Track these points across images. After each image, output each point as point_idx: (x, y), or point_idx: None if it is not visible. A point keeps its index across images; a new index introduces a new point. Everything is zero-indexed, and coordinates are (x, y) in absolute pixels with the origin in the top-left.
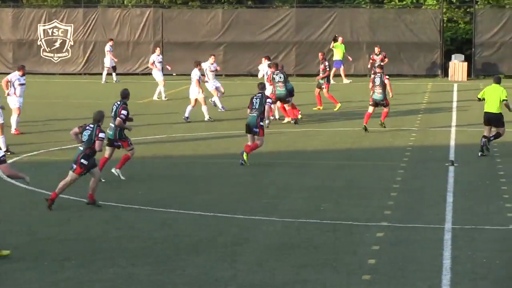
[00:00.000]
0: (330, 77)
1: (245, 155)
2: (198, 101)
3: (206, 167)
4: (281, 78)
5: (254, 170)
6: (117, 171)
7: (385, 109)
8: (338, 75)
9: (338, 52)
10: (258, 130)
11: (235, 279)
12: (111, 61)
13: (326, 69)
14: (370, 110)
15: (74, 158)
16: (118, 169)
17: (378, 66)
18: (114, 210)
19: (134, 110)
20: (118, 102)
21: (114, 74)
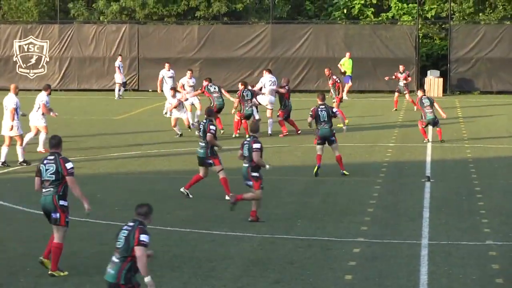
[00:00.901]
0: (344, 92)
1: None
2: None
3: (183, 183)
4: (215, 89)
5: (231, 186)
6: (186, 191)
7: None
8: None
9: (347, 67)
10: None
11: None
12: (122, 77)
13: (336, 82)
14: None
15: (244, 175)
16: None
17: (421, 89)
18: (93, 226)
19: (111, 127)
20: (204, 121)
21: (116, 90)
